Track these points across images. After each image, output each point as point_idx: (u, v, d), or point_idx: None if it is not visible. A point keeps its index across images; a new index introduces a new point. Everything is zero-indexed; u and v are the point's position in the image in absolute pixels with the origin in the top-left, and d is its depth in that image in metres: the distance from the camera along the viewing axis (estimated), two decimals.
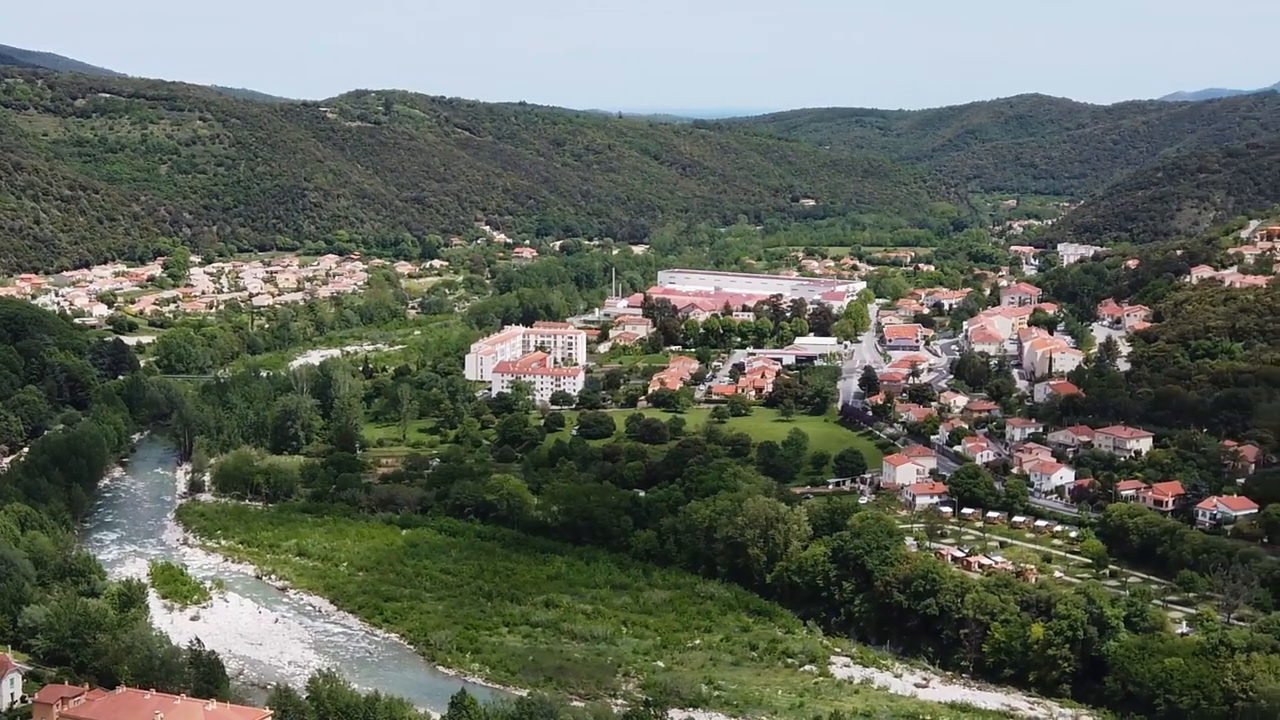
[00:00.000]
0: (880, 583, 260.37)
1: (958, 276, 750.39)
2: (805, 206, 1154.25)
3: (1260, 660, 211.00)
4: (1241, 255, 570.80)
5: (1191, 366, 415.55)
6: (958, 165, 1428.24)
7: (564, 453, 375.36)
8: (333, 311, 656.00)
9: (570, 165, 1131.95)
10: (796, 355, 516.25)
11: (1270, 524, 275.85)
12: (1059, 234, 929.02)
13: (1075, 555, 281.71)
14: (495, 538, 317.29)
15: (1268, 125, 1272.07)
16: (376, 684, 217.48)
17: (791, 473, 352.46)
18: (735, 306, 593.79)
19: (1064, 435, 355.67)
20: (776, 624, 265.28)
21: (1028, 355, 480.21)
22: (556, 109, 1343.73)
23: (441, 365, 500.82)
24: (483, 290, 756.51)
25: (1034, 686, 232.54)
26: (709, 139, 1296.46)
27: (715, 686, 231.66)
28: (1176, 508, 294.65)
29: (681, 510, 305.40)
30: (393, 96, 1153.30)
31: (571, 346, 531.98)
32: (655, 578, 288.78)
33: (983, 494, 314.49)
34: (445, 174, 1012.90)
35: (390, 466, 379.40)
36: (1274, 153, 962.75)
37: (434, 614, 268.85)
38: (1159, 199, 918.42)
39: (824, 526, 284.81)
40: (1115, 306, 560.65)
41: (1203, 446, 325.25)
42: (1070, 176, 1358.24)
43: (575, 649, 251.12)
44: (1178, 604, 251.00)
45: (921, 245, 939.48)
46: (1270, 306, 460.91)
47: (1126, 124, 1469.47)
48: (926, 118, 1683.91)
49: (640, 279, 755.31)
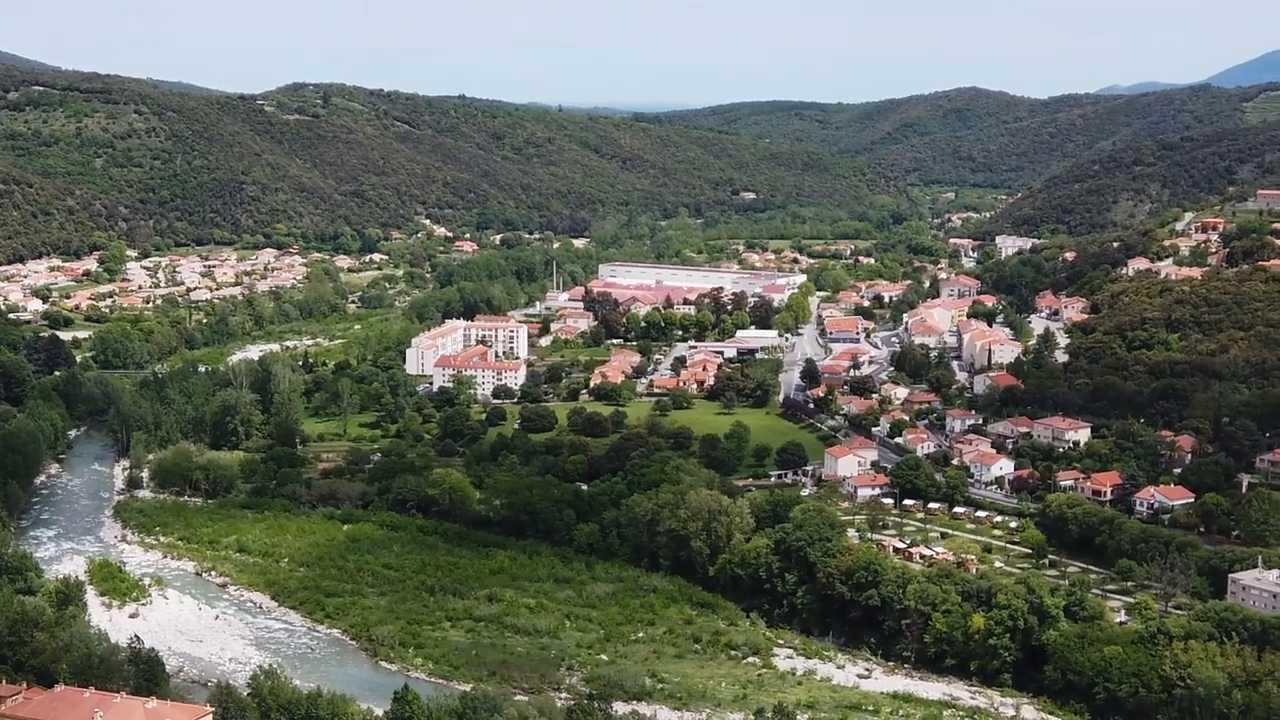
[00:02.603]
0: (822, 574, 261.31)
1: (897, 269, 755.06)
2: (745, 200, 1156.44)
3: (1197, 648, 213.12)
4: (1177, 247, 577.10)
5: (1128, 358, 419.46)
6: (897, 158, 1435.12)
7: (506, 447, 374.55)
8: (272, 306, 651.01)
9: (510, 159, 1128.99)
10: (738, 348, 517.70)
11: (1206, 513, 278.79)
12: (997, 226, 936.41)
13: (1015, 545, 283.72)
14: (437, 532, 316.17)
15: (1201, 118, 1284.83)
16: (318, 680, 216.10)
17: (734, 465, 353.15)
18: (676, 300, 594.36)
19: (1003, 426, 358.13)
20: (719, 616, 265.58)
21: (967, 347, 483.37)
22: (496, 102, 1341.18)
23: (382, 360, 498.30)
24: (423, 284, 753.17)
25: (975, 676, 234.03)
26: (649, 132, 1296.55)
27: (659, 679, 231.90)
28: (1114, 498, 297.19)
29: (624, 503, 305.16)
30: (331, 89, 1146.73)
31: (513, 340, 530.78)
32: (598, 571, 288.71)
33: (923, 485, 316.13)
34: (384, 167, 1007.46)
35: (331, 461, 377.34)
36: (1208, 146, 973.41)
37: (376, 609, 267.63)
38: (1095, 192, 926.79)
39: (766, 519, 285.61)
40: (1053, 298, 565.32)
41: (1140, 437, 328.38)
42: (1008, 169, 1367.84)
43: (518, 643, 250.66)
44: (1116, 593, 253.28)
45: (861, 238, 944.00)
46: (1205, 298, 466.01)
47: (1063, 117, 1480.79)
48: (865, 111, 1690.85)
49: (581, 272, 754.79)
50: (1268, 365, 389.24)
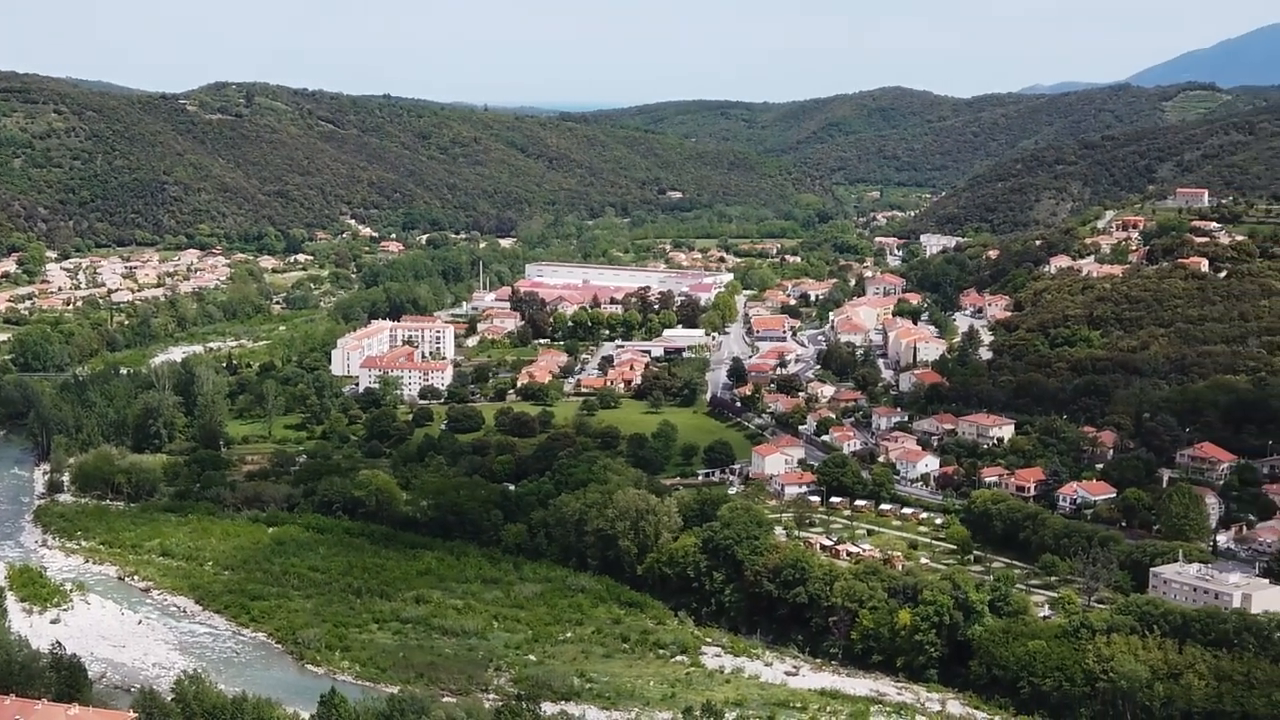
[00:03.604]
0: (750, 572, 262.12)
1: (823, 268, 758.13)
2: (672, 199, 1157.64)
3: (1120, 641, 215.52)
4: (1098, 245, 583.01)
5: (1051, 355, 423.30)
6: (822, 157, 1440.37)
7: (433, 447, 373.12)
8: (195, 307, 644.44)
9: (436, 158, 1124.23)
10: (665, 347, 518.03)
11: (1128, 508, 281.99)
12: (922, 225, 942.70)
13: (941, 541, 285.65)
14: (364, 534, 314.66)
15: (1122, 118, 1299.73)
16: (244, 684, 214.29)
17: (661, 464, 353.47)
18: (603, 299, 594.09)
19: (929, 423, 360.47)
20: (647, 615, 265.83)
21: (893, 345, 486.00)
22: (421, 102, 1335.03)
23: (307, 361, 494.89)
24: (349, 285, 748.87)
25: (901, 672, 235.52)
26: (575, 132, 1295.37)
27: (587, 679, 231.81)
28: (1038, 493, 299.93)
29: (552, 503, 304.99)
30: (254, 89, 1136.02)
31: (439, 340, 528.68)
32: (526, 571, 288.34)
33: (850, 483, 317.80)
34: (309, 167, 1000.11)
35: (256, 464, 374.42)
36: (1128, 144, 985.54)
37: (302, 612, 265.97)
38: (1018, 190, 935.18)
39: (694, 517, 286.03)
40: (977, 296, 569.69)
41: (1063, 433, 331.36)
42: (932, 168, 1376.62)
43: (446, 644, 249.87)
44: (1040, 588, 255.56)
45: (787, 237, 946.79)
46: (1126, 295, 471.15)
47: (986, 116, 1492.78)
48: (791, 110, 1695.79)
49: (508, 272, 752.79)
50: (1187, 361, 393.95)
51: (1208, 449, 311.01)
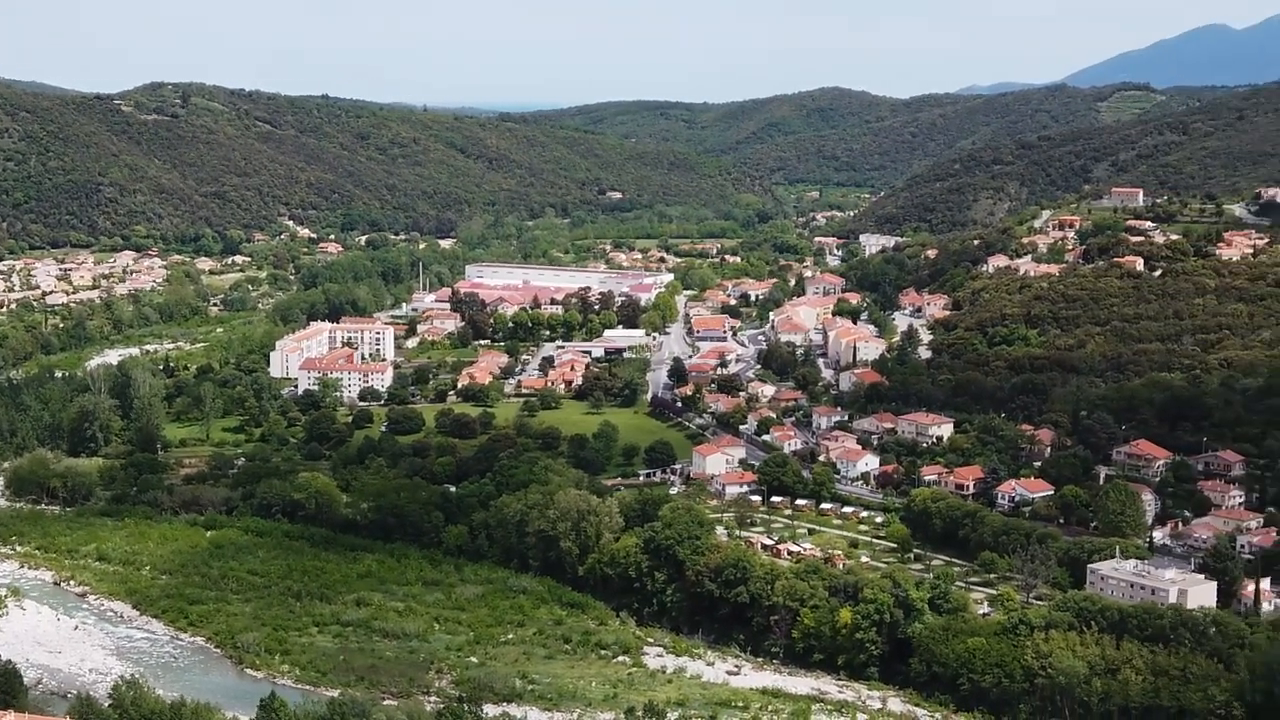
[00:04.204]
0: (691, 572, 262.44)
1: (763, 268, 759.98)
2: (612, 199, 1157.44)
3: (1058, 638, 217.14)
4: (1035, 244, 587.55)
5: (989, 353, 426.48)
6: (762, 157, 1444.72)
7: (373, 449, 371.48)
8: (131, 309, 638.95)
9: (375, 159, 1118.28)
10: (605, 348, 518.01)
11: (1065, 505, 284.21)
12: (861, 225, 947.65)
13: (881, 540, 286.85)
14: (304, 537, 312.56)
15: (1058, 118, 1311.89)
16: (182, 689, 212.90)
17: (602, 465, 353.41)
18: (544, 300, 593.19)
19: (869, 423, 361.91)
20: (589, 616, 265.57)
21: (833, 344, 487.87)
22: (360, 102, 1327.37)
23: (246, 363, 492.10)
24: (287, 286, 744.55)
25: (842, 670, 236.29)
26: (515, 132, 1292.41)
27: (529, 680, 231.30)
28: (977, 491, 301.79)
29: (493, 505, 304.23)
30: (190, 89, 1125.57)
31: (379, 342, 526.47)
32: (467, 573, 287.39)
33: (791, 482, 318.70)
34: (246, 168, 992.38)
35: (194, 467, 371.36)
36: (1064, 145, 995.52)
37: (241, 616, 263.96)
38: (956, 190, 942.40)
39: (635, 518, 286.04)
40: (916, 295, 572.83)
41: (1001, 431, 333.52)
42: (871, 168, 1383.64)
43: (387, 647, 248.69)
44: (979, 585, 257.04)
45: (727, 237, 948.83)
46: (1063, 294, 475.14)
47: (924, 117, 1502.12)
48: (730, 111, 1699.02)
49: (448, 273, 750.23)
50: (1123, 360, 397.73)
51: (1144, 446, 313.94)
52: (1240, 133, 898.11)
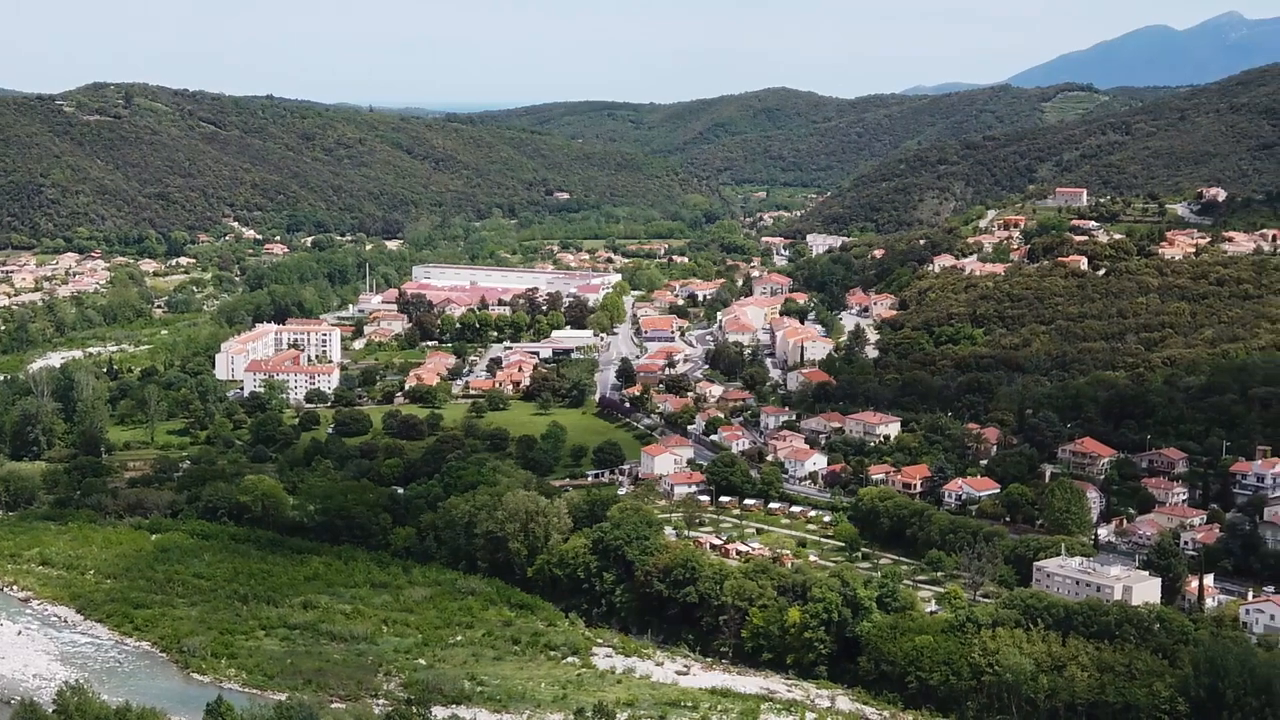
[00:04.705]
0: (640, 573, 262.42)
1: (711, 268, 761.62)
2: (559, 200, 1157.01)
3: (1005, 635, 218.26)
4: (980, 244, 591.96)
5: (936, 352, 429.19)
6: (709, 158, 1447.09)
7: (320, 451, 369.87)
8: (74, 312, 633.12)
9: (321, 160, 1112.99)
10: (553, 348, 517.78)
11: (1012, 503, 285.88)
12: (808, 225, 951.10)
13: (829, 539, 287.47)
14: (250, 540, 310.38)
15: (1002, 118, 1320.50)
16: (128, 694, 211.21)
17: (551, 465, 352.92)
18: (491, 301, 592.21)
19: (816, 422, 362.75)
20: (538, 617, 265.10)
21: (780, 344, 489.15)
22: (305, 102, 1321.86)
23: (191, 365, 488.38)
24: (232, 288, 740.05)
25: (791, 669, 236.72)
26: (462, 133, 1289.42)
27: (478, 682, 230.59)
28: (924, 490, 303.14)
29: (441, 506, 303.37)
30: (133, 89, 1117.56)
31: (326, 344, 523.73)
32: (415, 575, 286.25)
33: (739, 482, 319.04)
34: (190, 169, 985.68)
35: (139, 470, 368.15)
36: (1009, 144, 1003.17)
37: (187, 620, 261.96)
38: (902, 190, 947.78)
39: (584, 518, 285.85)
40: (863, 295, 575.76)
41: (948, 430, 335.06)
42: (817, 169, 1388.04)
43: (335, 650, 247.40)
44: (927, 583, 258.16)
45: (675, 237, 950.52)
46: (1008, 294, 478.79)
47: (870, 117, 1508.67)
48: (677, 111, 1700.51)
49: (395, 274, 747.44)
50: (1068, 358, 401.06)
51: (1088, 444, 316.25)
52: (1182, 133, 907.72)
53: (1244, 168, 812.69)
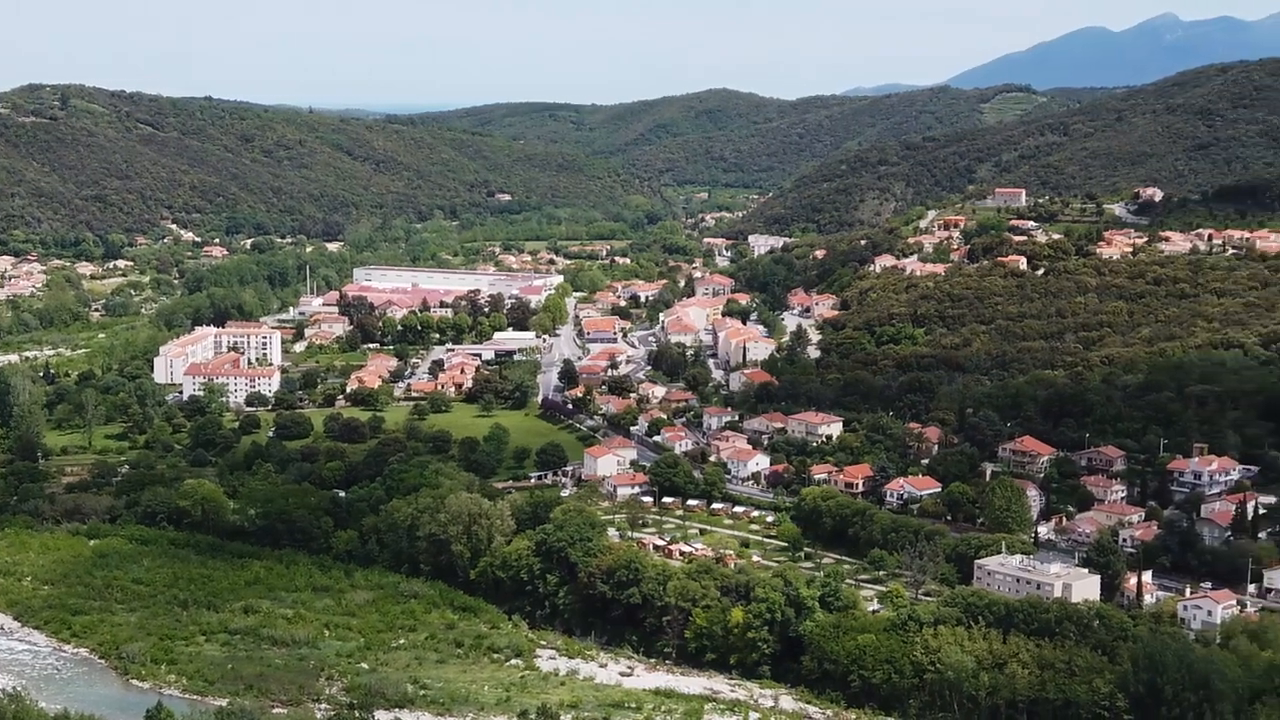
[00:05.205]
0: (584, 574, 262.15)
1: (653, 269, 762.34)
2: (501, 201, 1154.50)
3: (946, 633, 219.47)
4: (921, 244, 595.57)
5: (877, 352, 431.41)
6: (650, 159, 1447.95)
7: (261, 455, 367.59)
8: (9, 315, 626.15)
9: (260, 161, 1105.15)
10: (496, 350, 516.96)
11: (953, 502, 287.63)
12: (750, 226, 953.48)
13: (772, 539, 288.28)
14: (190, 545, 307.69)
15: (942, 119, 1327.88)
16: (66, 701, 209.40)
17: (493, 468, 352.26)
18: (433, 303, 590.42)
19: (759, 422, 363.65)
20: (481, 619, 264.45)
21: (722, 345, 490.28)
22: (244, 104, 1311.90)
23: (129, 369, 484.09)
24: (171, 290, 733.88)
25: (735, 669, 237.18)
26: (402, 134, 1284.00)
27: (421, 685, 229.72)
28: (866, 489, 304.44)
29: (383, 509, 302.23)
30: (70, 91, 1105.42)
31: (266, 346, 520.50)
32: (357, 578, 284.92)
33: (682, 483, 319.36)
34: (128, 171, 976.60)
35: (76, 475, 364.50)
36: (948, 145, 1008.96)
37: (126, 626, 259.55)
38: (843, 191, 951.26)
39: (527, 520, 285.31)
40: (805, 295, 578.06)
41: (889, 429, 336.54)
42: (759, 169, 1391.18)
43: (276, 655, 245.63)
44: (869, 582, 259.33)
45: (617, 238, 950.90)
46: (949, 294, 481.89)
47: (811, 118, 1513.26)
48: (619, 112, 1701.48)
49: (336, 276, 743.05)
50: (1008, 357, 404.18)
51: (1028, 443, 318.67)
52: (1119, 133, 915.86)
53: (1180, 168, 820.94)
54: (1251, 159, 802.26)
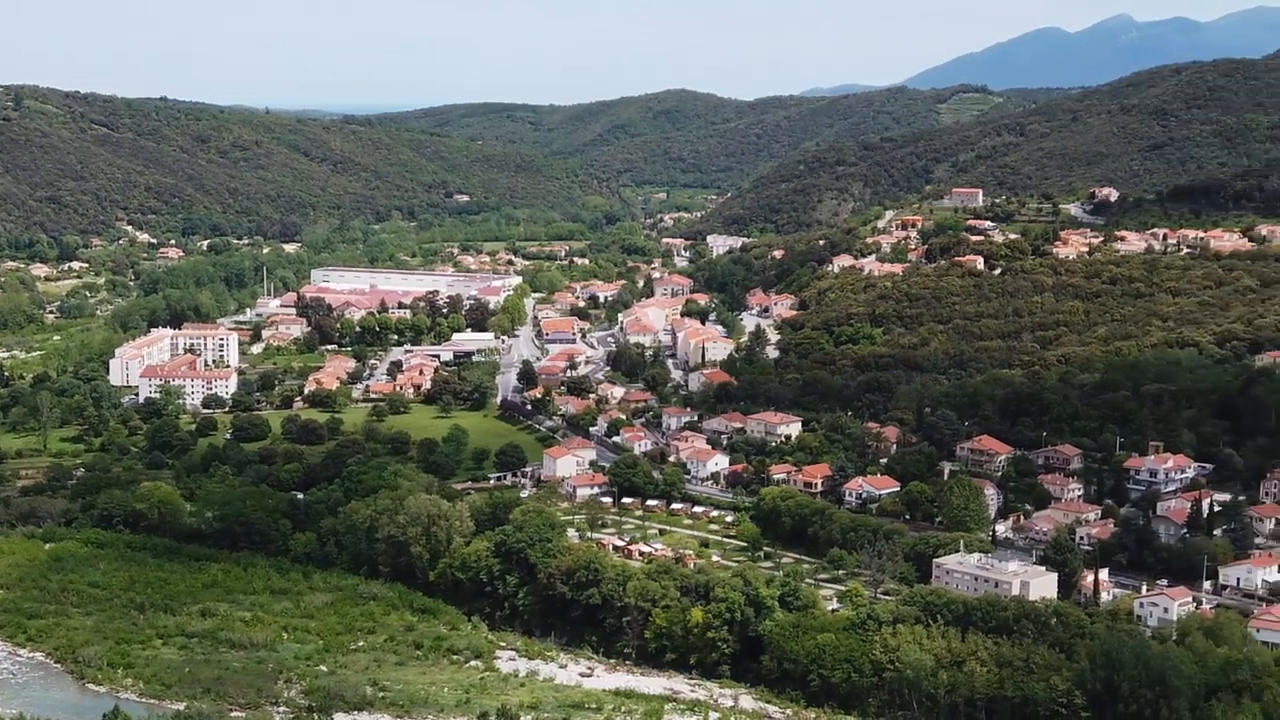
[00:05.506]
0: (543, 575, 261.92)
1: (612, 269, 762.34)
2: (459, 202, 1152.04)
3: (905, 632, 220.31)
4: (879, 244, 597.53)
5: (836, 352, 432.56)
6: (609, 159, 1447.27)
7: (218, 457, 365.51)
8: None
9: (216, 162, 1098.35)
10: (454, 351, 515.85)
11: (911, 501, 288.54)
12: (708, 226, 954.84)
13: (731, 539, 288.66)
14: (147, 548, 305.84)
15: (899, 119, 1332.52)
16: (22, 706, 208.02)
17: (452, 469, 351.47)
18: (391, 304, 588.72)
19: (718, 422, 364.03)
20: (441, 621, 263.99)
21: (681, 345, 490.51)
22: (200, 104, 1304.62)
23: (84, 371, 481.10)
24: (126, 292, 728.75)
25: (695, 669, 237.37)
26: (360, 135, 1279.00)
27: (380, 688, 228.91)
28: (825, 489, 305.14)
29: (341, 511, 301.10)
30: (22, 92, 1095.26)
31: (223, 348, 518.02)
32: (316, 581, 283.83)
33: (642, 483, 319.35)
34: (83, 172, 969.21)
35: (31, 478, 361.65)
36: (905, 145, 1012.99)
37: (83, 630, 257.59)
38: (801, 191, 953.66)
39: (486, 521, 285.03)
40: (763, 296, 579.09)
41: (848, 429, 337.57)
42: (717, 170, 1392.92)
43: (234, 658, 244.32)
44: (828, 582, 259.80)
45: (575, 239, 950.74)
46: (906, 293, 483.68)
47: (769, 119, 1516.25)
48: (577, 113, 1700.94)
49: (293, 278, 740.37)
50: (965, 357, 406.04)
51: (986, 442, 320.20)
52: (1075, 134, 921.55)
53: (1135, 168, 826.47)
54: (1205, 159, 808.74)
